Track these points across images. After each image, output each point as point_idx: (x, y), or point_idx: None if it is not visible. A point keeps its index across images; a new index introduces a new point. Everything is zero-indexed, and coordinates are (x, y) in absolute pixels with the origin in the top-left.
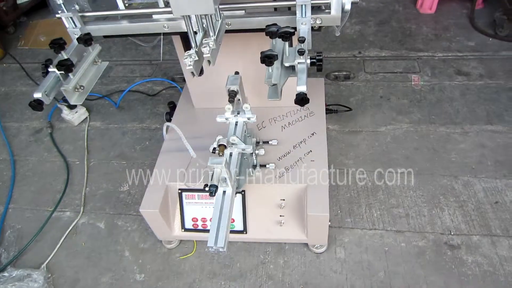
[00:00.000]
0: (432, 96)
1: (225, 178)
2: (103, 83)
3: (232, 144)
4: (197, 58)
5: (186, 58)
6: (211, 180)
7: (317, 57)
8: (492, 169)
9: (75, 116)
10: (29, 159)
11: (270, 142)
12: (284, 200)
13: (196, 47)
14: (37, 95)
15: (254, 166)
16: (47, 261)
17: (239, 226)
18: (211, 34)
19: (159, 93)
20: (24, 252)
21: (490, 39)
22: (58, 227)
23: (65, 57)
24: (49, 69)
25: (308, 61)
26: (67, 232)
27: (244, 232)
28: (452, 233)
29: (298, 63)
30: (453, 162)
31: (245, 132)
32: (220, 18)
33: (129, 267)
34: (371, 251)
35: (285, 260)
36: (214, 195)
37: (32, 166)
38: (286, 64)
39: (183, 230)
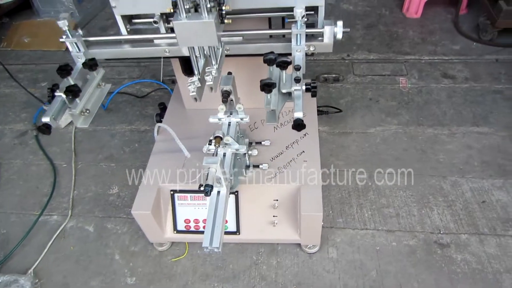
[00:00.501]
0: (420, 98)
1: (220, 178)
2: None
3: (226, 144)
4: (199, 85)
5: (189, 85)
6: (206, 180)
7: (312, 85)
8: (479, 169)
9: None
10: (13, 162)
11: (263, 143)
12: (277, 200)
13: (199, 74)
14: (45, 119)
15: (247, 167)
16: (34, 266)
17: (232, 227)
18: (213, 62)
19: (148, 95)
20: (10, 257)
21: (474, 44)
22: (45, 231)
23: (72, 82)
24: (56, 94)
25: (304, 87)
26: (55, 236)
27: (237, 233)
28: (441, 232)
29: (294, 90)
30: (441, 162)
31: (238, 132)
32: (221, 46)
33: (120, 271)
34: (363, 250)
35: (278, 260)
36: (210, 195)
37: (17, 170)
38: (284, 91)
39: (175, 232)
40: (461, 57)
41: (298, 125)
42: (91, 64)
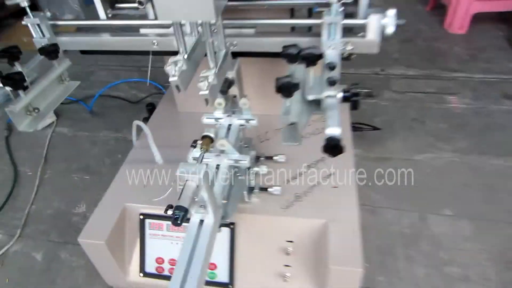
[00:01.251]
0: (478, 121)
1: (204, 200)
2: (81, 86)
3: (221, 152)
4: (185, 68)
5: (169, 65)
6: (179, 199)
7: (352, 91)
8: None
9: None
10: None
11: (275, 158)
12: (292, 242)
13: (185, 51)
14: None
15: (251, 189)
16: None
17: (222, 276)
18: (211, 64)
19: (142, 100)
20: None
21: None
22: None
23: (19, 70)
24: None
25: (340, 94)
26: None
27: (230, 286)
28: None
29: (326, 97)
30: None
31: (242, 141)
32: (224, 46)
33: None
34: None
35: None
36: (180, 223)
37: None
38: (310, 97)
39: (142, 274)
40: None
41: (333, 146)
42: (50, 51)
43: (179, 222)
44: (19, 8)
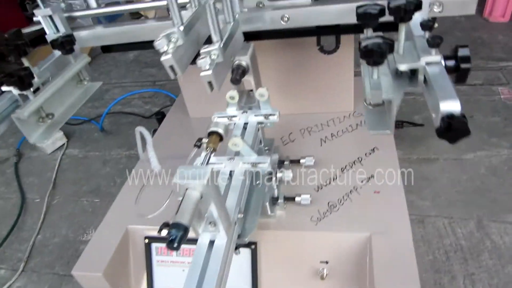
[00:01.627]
0: None
1: (213, 215)
2: (94, 106)
3: (235, 154)
4: (181, 43)
5: (160, 40)
6: (177, 213)
7: (460, 56)
8: None
9: (48, 143)
10: None
11: (302, 161)
12: (327, 263)
13: (182, 22)
14: None
15: (275, 200)
16: None
17: None
18: (215, 37)
19: (161, 111)
20: None
21: None
22: None
23: (27, 65)
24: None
25: (444, 61)
26: None
27: None
28: None
29: (428, 63)
30: None
31: (261, 142)
32: (233, 17)
33: None
34: None
35: None
36: (178, 247)
37: None
38: (402, 67)
39: None
40: None
41: (455, 127)
42: (64, 42)
43: (175, 245)
44: (35, 35)
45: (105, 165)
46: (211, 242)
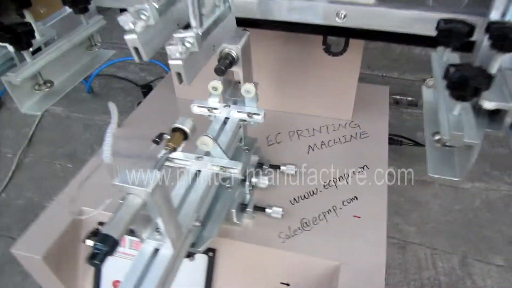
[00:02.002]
0: None
1: (158, 223)
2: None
3: (205, 154)
4: (152, 22)
5: (125, 16)
6: (109, 222)
7: None
8: None
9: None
10: None
11: (283, 168)
12: (288, 285)
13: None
14: None
15: (244, 206)
16: None
17: None
18: (193, 22)
19: (150, 84)
20: None
21: None
22: None
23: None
24: None
25: None
26: None
27: None
28: None
29: None
30: None
31: (241, 141)
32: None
33: None
34: None
35: None
36: (99, 264)
37: None
38: (488, 105)
39: None
40: None
41: None
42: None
43: (96, 261)
44: None
45: (86, 130)
46: (156, 250)
